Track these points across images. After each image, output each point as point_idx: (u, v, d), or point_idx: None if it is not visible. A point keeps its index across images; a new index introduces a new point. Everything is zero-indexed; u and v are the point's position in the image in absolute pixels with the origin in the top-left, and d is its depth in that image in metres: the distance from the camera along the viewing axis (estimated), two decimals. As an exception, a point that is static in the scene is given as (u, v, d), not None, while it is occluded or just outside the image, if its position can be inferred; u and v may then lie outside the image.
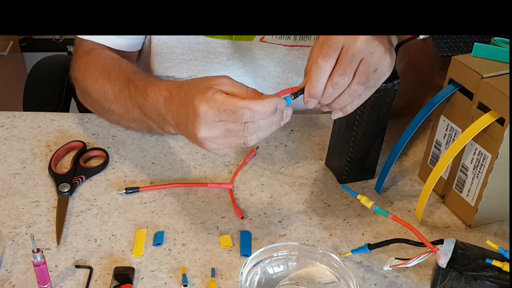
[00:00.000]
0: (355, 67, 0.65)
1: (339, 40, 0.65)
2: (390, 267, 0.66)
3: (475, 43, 0.71)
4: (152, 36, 0.93)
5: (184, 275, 0.67)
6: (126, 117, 0.83)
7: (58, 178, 0.80)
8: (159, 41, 0.92)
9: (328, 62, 0.64)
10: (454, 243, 0.64)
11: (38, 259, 0.62)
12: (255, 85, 0.97)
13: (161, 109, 0.74)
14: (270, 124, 0.66)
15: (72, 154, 0.85)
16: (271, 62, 0.94)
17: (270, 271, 0.65)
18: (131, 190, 0.79)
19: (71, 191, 0.78)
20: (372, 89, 0.68)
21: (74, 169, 0.82)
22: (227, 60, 0.94)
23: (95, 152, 0.86)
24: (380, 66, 0.67)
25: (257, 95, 0.66)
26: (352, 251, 0.69)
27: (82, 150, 0.86)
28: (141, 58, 1.00)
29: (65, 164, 0.84)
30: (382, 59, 0.67)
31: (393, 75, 0.72)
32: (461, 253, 0.63)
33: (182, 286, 0.66)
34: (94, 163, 0.85)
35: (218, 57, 0.93)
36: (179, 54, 0.93)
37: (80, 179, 0.80)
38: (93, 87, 0.85)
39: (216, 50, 0.92)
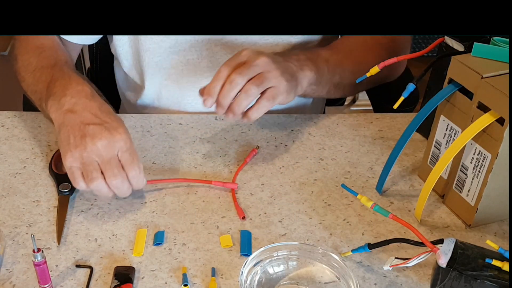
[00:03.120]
0: (251, 74, 0.75)
1: (243, 56, 0.77)
2: (390, 266, 0.66)
3: (475, 43, 0.71)
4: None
5: (184, 275, 0.67)
6: (32, 88, 0.86)
7: (58, 178, 0.80)
8: (146, 36, 0.94)
9: (227, 69, 0.76)
10: (454, 243, 0.64)
11: (39, 258, 0.62)
12: None
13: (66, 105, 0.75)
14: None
15: (72, 154, 0.85)
16: (264, 46, 0.95)
17: (270, 270, 0.65)
18: None
19: (71, 191, 0.78)
20: (271, 102, 0.76)
21: (74, 169, 0.82)
22: (215, 46, 0.94)
23: (95, 152, 0.86)
24: (277, 84, 0.77)
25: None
26: (352, 250, 0.70)
27: (83, 150, 0.86)
28: (130, 60, 1.01)
29: (66, 164, 0.84)
30: (278, 80, 0.77)
31: None
32: (461, 252, 0.63)
33: (182, 285, 0.66)
34: (95, 163, 0.85)
35: (207, 44, 0.94)
36: (167, 48, 0.95)
37: (80, 179, 0.80)
38: (22, 57, 0.90)
39: (204, 37, 0.93)
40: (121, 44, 0.99)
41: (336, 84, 0.91)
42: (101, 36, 1.02)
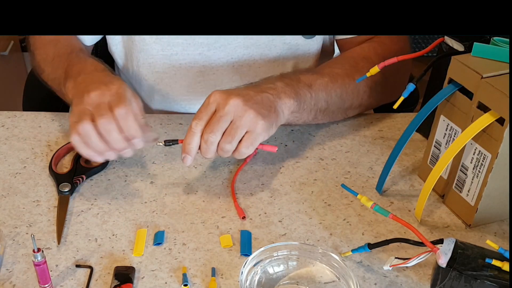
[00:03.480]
0: (223, 127, 0.72)
1: (212, 104, 0.72)
2: (390, 266, 0.66)
3: (474, 43, 0.71)
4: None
5: (184, 275, 0.67)
6: (52, 76, 0.89)
7: (58, 178, 0.80)
8: (139, 37, 0.95)
9: (198, 124, 0.72)
10: (454, 243, 0.64)
11: (39, 258, 0.62)
12: (239, 75, 0.97)
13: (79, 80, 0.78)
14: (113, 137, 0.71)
15: (72, 154, 0.85)
16: (256, 51, 0.94)
17: (270, 270, 0.65)
18: (170, 142, 0.78)
19: (71, 191, 0.78)
20: (251, 148, 0.73)
21: (74, 169, 0.82)
22: (208, 51, 0.94)
23: (95, 152, 0.86)
24: (252, 127, 0.73)
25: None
26: (352, 250, 0.70)
27: (83, 150, 0.86)
28: (128, 62, 1.01)
29: (66, 164, 0.84)
30: (252, 122, 0.72)
31: None
32: (461, 252, 0.63)
33: (182, 285, 0.66)
34: (95, 163, 0.84)
35: (199, 48, 0.94)
36: (160, 50, 0.95)
37: (80, 178, 0.80)
38: (39, 51, 0.93)
39: (196, 42, 0.93)
40: (115, 43, 1.00)
41: (323, 110, 0.86)
42: (101, 36, 1.02)
